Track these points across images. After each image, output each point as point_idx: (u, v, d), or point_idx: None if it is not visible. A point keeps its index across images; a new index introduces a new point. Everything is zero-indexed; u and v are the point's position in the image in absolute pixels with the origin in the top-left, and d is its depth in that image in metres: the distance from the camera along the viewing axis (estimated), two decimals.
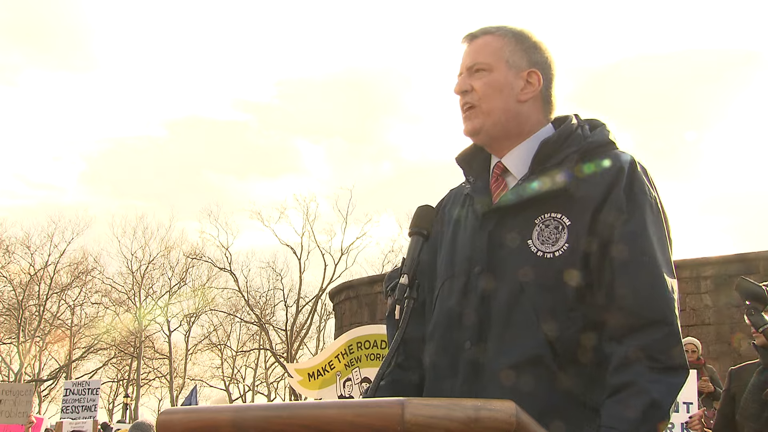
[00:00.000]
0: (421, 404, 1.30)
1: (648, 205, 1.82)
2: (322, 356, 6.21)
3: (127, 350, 39.71)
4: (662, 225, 1.84)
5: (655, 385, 1.68)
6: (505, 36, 1.96)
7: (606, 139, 1.92)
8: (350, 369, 5.75)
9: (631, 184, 1.82)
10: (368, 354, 5.68)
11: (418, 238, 1.93)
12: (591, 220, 1.80)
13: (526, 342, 1.78)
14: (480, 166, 2.03)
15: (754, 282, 4.03)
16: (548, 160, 1.88)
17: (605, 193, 1.81)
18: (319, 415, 1.37)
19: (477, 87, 1.93)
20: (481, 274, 1.87)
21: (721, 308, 15.71)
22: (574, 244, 1.79)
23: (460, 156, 2.07)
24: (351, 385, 5.73)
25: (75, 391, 13.26)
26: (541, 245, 1.82)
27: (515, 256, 1.83)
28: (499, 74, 1.92)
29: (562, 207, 1.83)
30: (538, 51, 1.97)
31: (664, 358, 1.71)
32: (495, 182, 1.97)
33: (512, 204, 1.87)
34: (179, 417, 1.55)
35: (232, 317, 41.18)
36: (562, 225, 1.82)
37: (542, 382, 1.75)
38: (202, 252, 39.90)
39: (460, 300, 1.90)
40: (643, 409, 1.66)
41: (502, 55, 1.93)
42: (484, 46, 1.96)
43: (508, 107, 1.93)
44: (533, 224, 1.84)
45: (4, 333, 38.05)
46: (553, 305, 1.78)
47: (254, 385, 42.53)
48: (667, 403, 1.70)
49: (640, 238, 1.78)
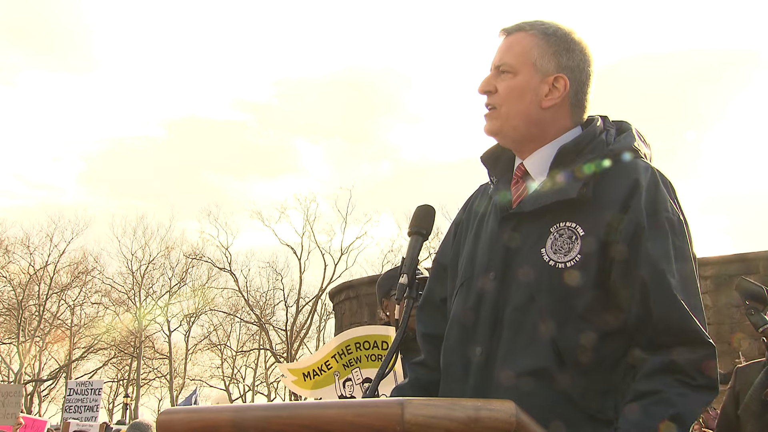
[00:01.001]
0: (421, 404, 1.30)
1: (673, 225, 1.77)
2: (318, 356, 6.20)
3: (127, 350, 39.68)
4: (686, 242, 1.79)
5: (682, 399, 1.65)
6: (537, 35, 1.90)
7: (629, 147, 1.86)
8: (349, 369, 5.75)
9: (654, 202, 1.77)
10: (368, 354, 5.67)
11: (417, 237, 1.93)
12: (606, 231, 1.76)
13: (535, 350, 1.76)
14: (504, 166, 2.00)
15: (754, 282, 4.03)
16: (568, 165, 1.84)
17: (623, 205, 1.77)
18: (319, 415, 1.37)
19: (500, 89, 1.89)
20: (495, 279, 1.85)
21: (721, 308, 15.72)
22: (587, 254, 1.76)
23: (485, 155, 2.03)
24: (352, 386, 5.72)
25: (78, 391, 13.28)
26: (554, 254, 1.79)
27: (528, 264, 1.81)
28: (524, 78, 1.88)
29: (577, 216, 1.79)
30: (570, 53, 1.90)
31: (697, 375, 1.67)
32: (516, 185, 1.93)
33: (529, 209, 1.84)
34: (179, 417, 1.56)
35: (232, 317, 41.18)
36: (576, 235, 1.78)
37: (550, 390, 1.73)
38: (202, 252, 39.93)
39: (475, 304, 1.88)
40: (664, 420, 1.62)
41: (529, 58, 1.88)
42: (514, 44, 1.91)
43: (529, 113, 1.88)
44: (548, 232, 1.81)
45: (4, 333, 38.02)
46: (564, 315, 1.76)
47: (254, 385, 42.52)
48: (690, 421, 1.66)
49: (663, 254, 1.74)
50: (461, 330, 1.90)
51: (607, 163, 1.83)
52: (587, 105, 1.94)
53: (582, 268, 1.76)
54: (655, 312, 1.72)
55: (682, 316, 1.70)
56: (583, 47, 1.92)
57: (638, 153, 1.87)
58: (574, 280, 1.76)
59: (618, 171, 1.82)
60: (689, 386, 1.66)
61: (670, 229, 1.77)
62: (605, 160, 1.83)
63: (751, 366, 4.45)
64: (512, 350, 1.79)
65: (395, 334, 1.85)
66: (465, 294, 1.92)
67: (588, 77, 1.93)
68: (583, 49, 1.92)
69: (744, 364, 4.52)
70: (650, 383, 1.67)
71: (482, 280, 1.88)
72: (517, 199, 1.90)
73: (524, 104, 1.88)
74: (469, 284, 1.92)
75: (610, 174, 1.82)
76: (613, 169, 1.82)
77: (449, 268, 2.05)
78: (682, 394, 1.65)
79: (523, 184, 1.92)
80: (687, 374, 1.67)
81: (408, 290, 1.84)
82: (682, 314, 1.70)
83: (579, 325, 1.75)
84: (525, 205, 1.85)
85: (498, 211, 1.92)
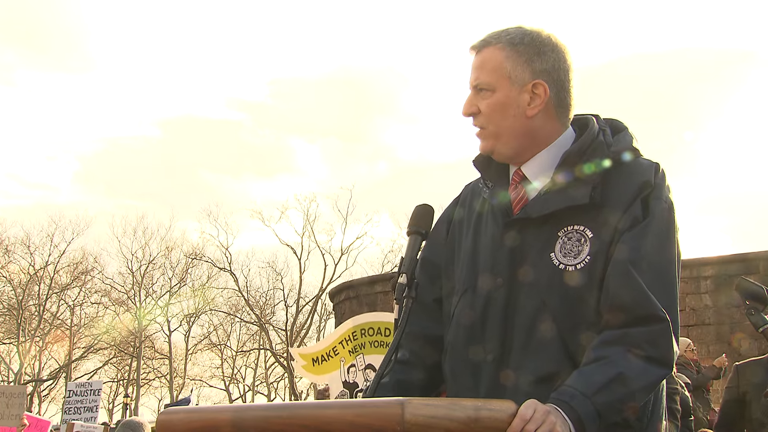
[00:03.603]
0: (422, 404, 1.30)
1: (659, 209, 1.79)
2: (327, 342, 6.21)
3: (127, 350, 39.67)
4: (669, 225, 1.80)
5: (628, 363, 1.65)
6: (505, 47, 1.87)
7: (629, 146, 1.87)
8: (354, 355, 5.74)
9: (649, 194, 1.79)
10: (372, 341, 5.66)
11: (416, 237, 1.92)
12: (613, 231, 1.77)
13: (548, 355, 1.75)
14: (498, 170, 1.99)
15: (754, 282, 4.03)
16: (571, 170, 1.83)
17: (628, 204, 1.78)
18: (319, 415, 1.37)
19: (482, 108, 1.88)
20: (502, 287, 1.84)
21: (721, 308, 15.70)
22: (596, 256, 1.76)
23: (478, 159, 2.02)
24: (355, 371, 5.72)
25: (78, 392, 13.26)
26: (564, 258, 1.79)
27: (538, 269, 1.80)
28: (502, 93, 1.86)
29: (585, 219, 1.80)
30: (542, 56, 1.87)
31: (647, 347, 1.68)
32: (514, 190, 1.92)
33: (537, 215, 1.83)
34: (180, 417, 1.56)
35: (232, 317, 41.17)
36: (585, 237, 1.79)
37: None
38: (202, 252, 39.93)
39: (482, 313, 1.87)
40: (608, 378, 1.62)
41: (503, 72, 1.86)
42: (485, 61, 1.89)
43: (516, 126, 1.87)
44: (556, 236, 1.81)
45: (4, 333, 38.02)
46: (576, 318, 1.75)
47: (254, 385, 42.53)
48: (637, 385, 1.65)
49: (641, 239, 1.76)
50: (468, 336, 1.89)
51: (610, 165, 1.83)
52: (572, 101, 1.92)
53: (592, 270, 1.76)
54: (611, 292, 1.73)
55: (636, 294, 1.71)
56: (554, 44, 1.90)
57: (638, 152, 1.88)
58: (585, 282, 1.76)
59: (622, 172, 1.82)
60: (638, 356, 1.67)
61: (657, 213, 1.78)
62: (608, 161, 1.83)
63: (750, 364, 4.44)
64: (524, 356, 1.78)
65: (395, 335, 1.84)
66: (470, 299, 1.91)
67: (566, 73, 1.90)
68: (555, 46, 1.90)
69: (743, 361, 4.51)
70: (597, 352, 1.68)
71: (489, 286, 1.87)
72: (517, 203, 1.90)
73: (509, 119, 1.87)
74: (474, 290, 1.90)
75: (614, 175, 1.82)
76: (617, 170, 1.83)
77: (444, 268, 2.03)
78: (628, 359, 1.65)
79: (523, 189, 1.91)
80: (637, 345, 1.67)
81: (407, 290, 1.84)
82: (636, 293, 1.71)
83: (590, 327, 1.74)
84: (531, 210, 1.84)
85: (499, 215, 1.91)
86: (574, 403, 1.59)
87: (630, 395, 1.65)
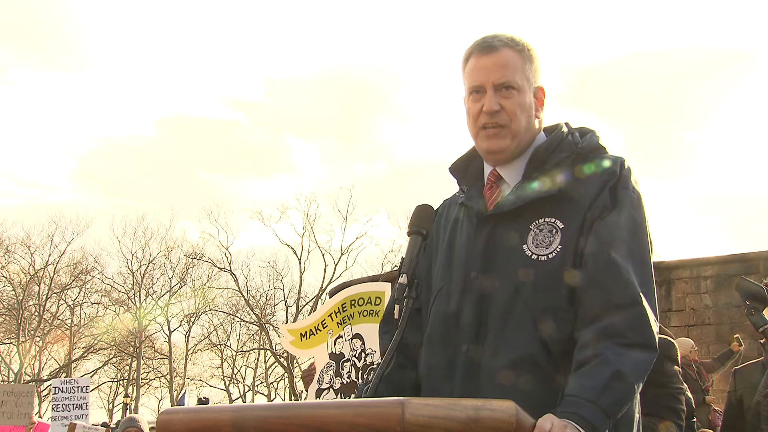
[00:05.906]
0: (422, 404, 1.30)
1: (627, 200, 1.86)
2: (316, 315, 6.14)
3: (127, 350, 39.67)
4: (638, 215, 1.86)
5: (620, 357, 1.70)
6: (522, 52, 1.97)
7: (596, 144, 1.96)
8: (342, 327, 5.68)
9: (616, 183, 1.87)
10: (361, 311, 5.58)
11: (416, 237, 1.94)
12: (582, 220, 1.84)
13: (522, 342, 1.80)
14: (474, 175, 2.06)
15: (754, 282, 4.03)
16: (542, 165, 1.92)
17: (597, 194, 1.86)
18: (318, 415, 1.37)
19: (507, 107, 1.94)
20: (477, 277, 1.90)
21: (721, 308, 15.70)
22: (567, 245, 1.83)
23: (455, 166, 2.10)
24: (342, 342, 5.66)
25: (64, 389, 13.13)
26: (536, 248, 1.85)
27: (511, 259, 1.86)
28: (525, 95, 1.96)
29: (556, 211, 1.87)
30: (535, 62, 2.00)
31: (630, 334, 1.73)
32: (489, 189, 2.00)
33: (509, 209, 1.90)
34: (180, 417, 1.56)
35: (232, 317, 41.16)
36: (556, 228, 1.85)
37: (538, 381, 1.77)
38: (202, 252, 39.91)
39: (458, 303, 1.92)
40: (606, 378, 1.67)
41: (525, 74, 1.96)
42: (509, 61, 1.95)
43: (529, 126, 1.97)
44: (528, 229, 1.88)
45: (4, 333, 38.01)
46: (548, 306, 1.81)
47: (254, 385, 42.52)
48: (632, 377, 1.71)
49: (612, 229, 1.81)
50: (445, 330, 1.94)
51: (579, 160, 1.91)
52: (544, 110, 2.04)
53: (563, 259, 1.83)
54: (588, 282, 1.79)
55: (612, 280, 1.77)
56: (534, 49, 2.01)
57: (605, 149, 1.96)
58: (557, 270, 1.82)
59: (591, 166, 1.91)
60: (624, 345, 1.72)
61: (626, 203, 1.85)
62: (577, 157, 1.92)
63: (749, 367, 4.45)
64: (500, 343, 1.83)
65: (395, 335, 1.84)
66: (445, 296, 1.96)
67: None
68: (536, 51, 2.01)
69: (741, 365, 4.52)
70: (588, 351, 1.73)
71: (463, 280, 1.93)
72: (492, 203, 1.96)
73: (526, 120, 1.96)
74: (449, 287, 1.96)
75: (583, 170, 1.90)
76: (585, 165, 1.91)
77: (423, 279, 2.06)
78: (618, 353, 1.70)
79: (498, 188, 1.99)
80: (620, 335, 1.73)
81: (408, 290, 1.85)
82: (612, 278, 1.77)
83: (562, 315, 1.80)
84: (503, 205, 1.91)
85: (473, 216, 1.97)
86: (583, 412, 1.64)
87: (629, 389, 1.71)
